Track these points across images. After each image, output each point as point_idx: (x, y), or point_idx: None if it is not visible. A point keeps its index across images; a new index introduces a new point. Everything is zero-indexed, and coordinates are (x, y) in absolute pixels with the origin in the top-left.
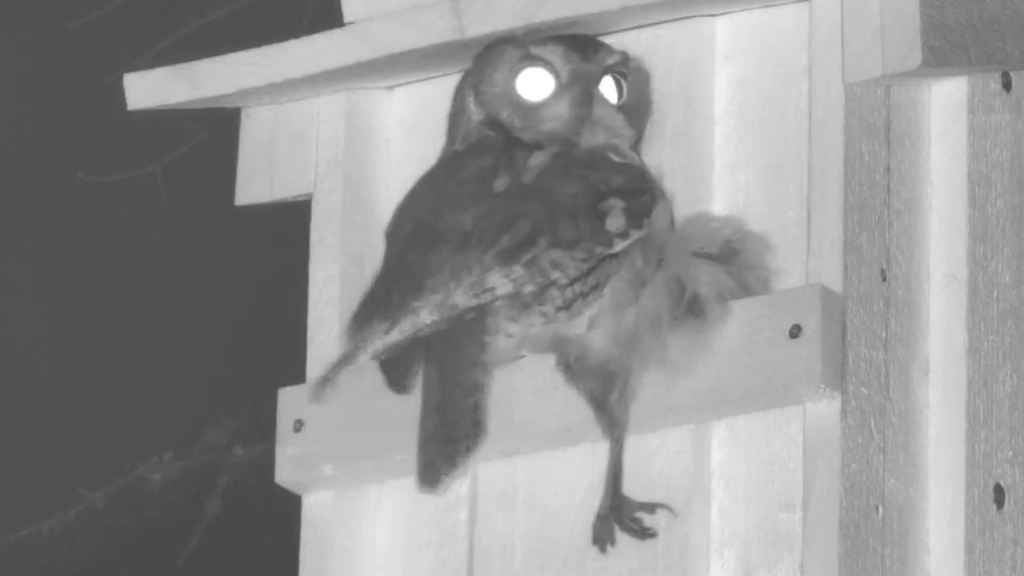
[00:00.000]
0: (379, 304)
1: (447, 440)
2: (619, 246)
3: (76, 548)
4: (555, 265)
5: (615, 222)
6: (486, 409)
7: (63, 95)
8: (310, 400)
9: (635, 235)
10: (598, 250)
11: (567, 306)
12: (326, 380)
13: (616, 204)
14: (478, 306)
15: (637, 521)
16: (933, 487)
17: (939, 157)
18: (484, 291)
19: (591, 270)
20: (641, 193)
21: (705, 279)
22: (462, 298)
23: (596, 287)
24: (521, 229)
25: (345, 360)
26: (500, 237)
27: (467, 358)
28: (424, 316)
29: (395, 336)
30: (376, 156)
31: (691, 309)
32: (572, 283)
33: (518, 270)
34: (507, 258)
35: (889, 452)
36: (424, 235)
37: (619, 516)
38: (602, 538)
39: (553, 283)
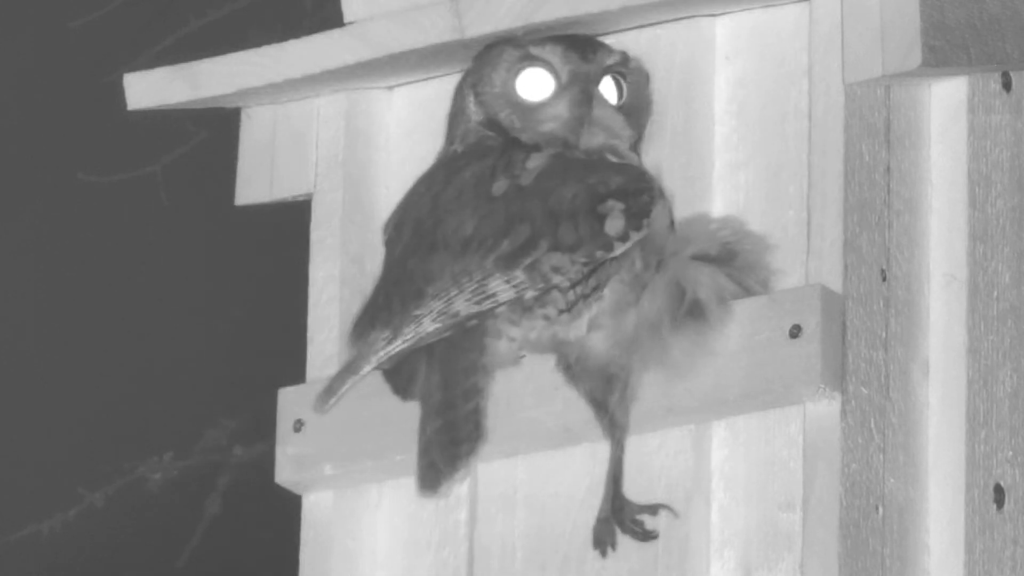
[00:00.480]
0: (380, 310)
1: (449, 443)
2: (619, 250)
3: (76, 548)
4: (556, 269)
5: (615, 224)
6: (486, 412)
7: (63, 95)
8: (314, 410)
9: (635, 237)
10: (599, 254)
11: (569, 308)
12: (330, 391)
13: (616, 206)
14: (479, 312)
15: (639, 524)
16: (933, 487)
17: (939, 157)
18: (486, 298)
19: (591, 272)
20: (640, 193)
21: (705, 282)
22: (464, 306)
23: (597, 288)
24: (521, 233)
25: (348, 370)
26: (500, 242)
27: (467, 361)
28: (426, 324)
29: (398, 345)
30: (376, 156)
31: (691, 312)
32: (574, 286)
33: (519, 275)
34: (508, 263)
35: (889, 452)
36: (424, 240)
37: (620, 519)
38: (603, 541)
39: (555, 287)
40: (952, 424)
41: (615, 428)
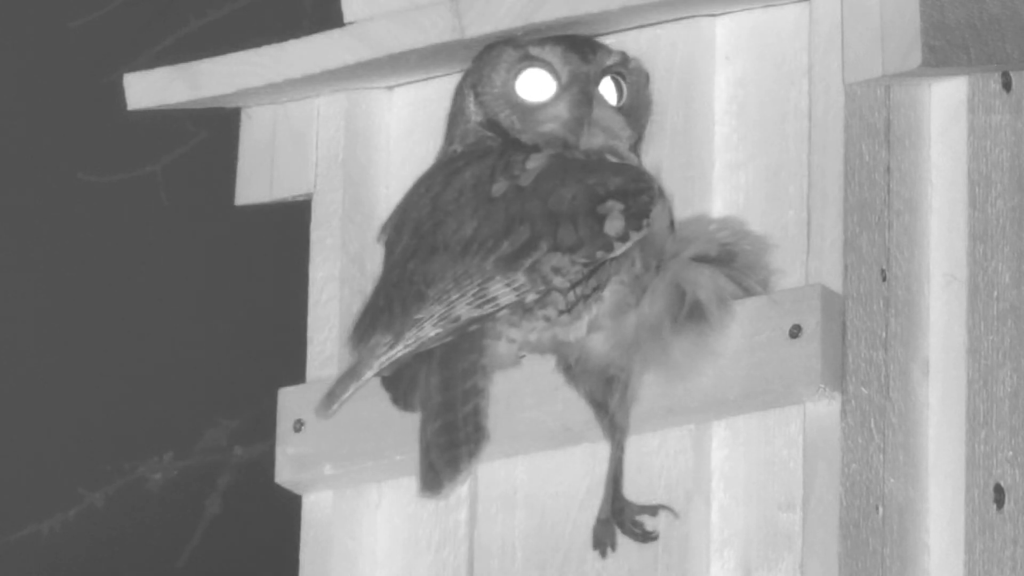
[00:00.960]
0: (381, 312)
1: (449, 445)
2: (619, 250)
3: (76, 548)
4: (556, 270)
5: (614, 225)
6: (486, 413)
7: (63, 95)
8: (316, 415)
9: (635, 237)
10: (599, 254)
11: (569, 309)
12: (332, 396)
13: (615, 206)
14: (480, 317)
15: (639, 525)
16: (933, 487)
17: (939, 157)
18: (487, 302)
19: (591, 273)
20: (640, 193)
21: (705, 283)
22: (465, 310)
23: (597, 288)
24: (521, 234)
25: (350, 376)
26: (500, 243)
27: (467, 363)
28: (428, 329)
29: (400, 350)
30: (376, 156)
31: (692, 314)
32: (573, 287)
33: (520, 277)
34: (508, 264)
35: (889, 452)
36: (424, 242)
37: (620, 520)
38: (603, 542)
39: (555, 288)
40: (952, 424)
41: (615, 429)
